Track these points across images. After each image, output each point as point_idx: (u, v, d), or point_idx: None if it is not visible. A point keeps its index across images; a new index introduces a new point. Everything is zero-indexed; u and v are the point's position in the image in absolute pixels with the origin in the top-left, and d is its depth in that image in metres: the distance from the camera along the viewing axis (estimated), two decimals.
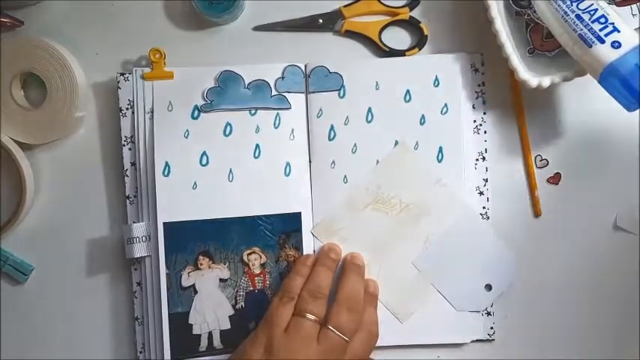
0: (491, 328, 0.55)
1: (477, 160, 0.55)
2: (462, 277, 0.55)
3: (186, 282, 0.54)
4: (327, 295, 0.51)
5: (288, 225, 0.55)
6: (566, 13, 0.48)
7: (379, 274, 0.55)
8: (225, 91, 0.54)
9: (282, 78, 0.55)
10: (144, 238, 0.53)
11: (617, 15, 0.47)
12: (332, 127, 0.55)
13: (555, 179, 0.56)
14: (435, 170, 0.55)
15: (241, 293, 0.54)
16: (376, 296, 0.54)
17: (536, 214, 0.56)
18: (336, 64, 0.55)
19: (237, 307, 0.54)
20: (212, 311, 0.54)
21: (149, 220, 0.54)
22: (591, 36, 0.47)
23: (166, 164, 0.54)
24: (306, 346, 0.48)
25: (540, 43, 0.52)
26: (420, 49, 0.56)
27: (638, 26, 0.52)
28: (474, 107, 0.56)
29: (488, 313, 0.55)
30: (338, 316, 0.50)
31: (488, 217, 0.55)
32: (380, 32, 0.56)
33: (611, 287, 0.56)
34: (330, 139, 0.55)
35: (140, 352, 0.55)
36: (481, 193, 0.55)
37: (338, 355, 0.49)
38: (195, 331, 0.54)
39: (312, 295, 0.50)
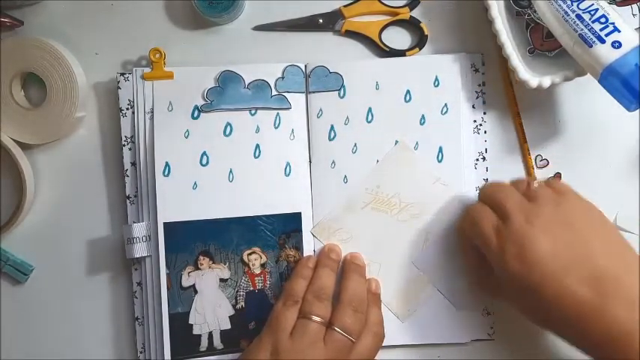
0: (491, 328, 0.55)
1: (477, 160, 0.55)
2: (462, 276, 0.55)
3: (186, 282, 0.54)
4: (331, 296, 0.51)
5: (288, 225, 0.55)
6: (566, 13, 0.48)
7: (379, 274, 0.55)
8: (225, 91, 0.54)
9: (282, 78, 0.55)
10: (144, 238, 0.53)
11: (617, 15, 0.47)
12: (332, 127, 0.55)
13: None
14: (435, 170, 0.55)
15: (241, 293, 0.54)
16: (379, 295, 0.54)
17: None
18: (336, 64, 0.55)
19: (238, 307, 0.54)
20: (212, 311, 0.54)
21: (149, 220, 0.54)
22: (592, 36, 0.47)
23: (166, 164, 0.54)
24: (313, 348, 0.48)
25: (540, 43, 0.52)
26: (420, 49, 0.56)
27: (638, 26, 0.52)
28: (473, 107, 0.55)
29: (488, 313, 0.55)
30: (343, 316, 0.49)
31: None
32: (380, 32, 0.56)
33: None
34: (330, 139, 0.55)
35: (140, 352, 0.55)
36: None
37: (344, 356, 0.49)
38: (196, 331, 0.54)
39: (316, 297, 0.50)
